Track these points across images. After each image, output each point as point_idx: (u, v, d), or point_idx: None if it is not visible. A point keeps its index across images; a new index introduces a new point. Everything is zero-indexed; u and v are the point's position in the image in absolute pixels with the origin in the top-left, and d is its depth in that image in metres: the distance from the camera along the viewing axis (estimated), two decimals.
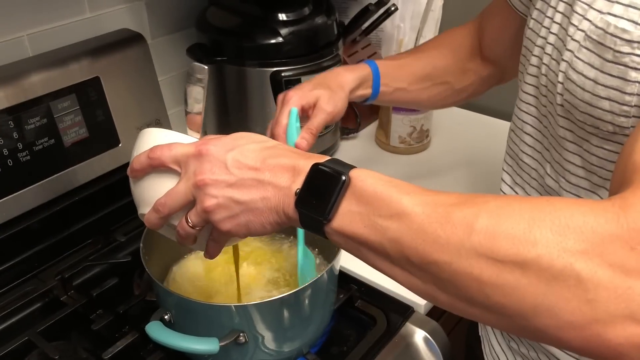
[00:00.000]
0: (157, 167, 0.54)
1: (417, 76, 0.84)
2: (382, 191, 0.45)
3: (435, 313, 0.90)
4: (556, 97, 0.57)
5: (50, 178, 0.89)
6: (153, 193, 0.54)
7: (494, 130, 1.28)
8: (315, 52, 1.05)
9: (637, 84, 0.49)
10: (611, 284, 0.37)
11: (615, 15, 0.49)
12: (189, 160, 0.52)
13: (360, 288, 0.86)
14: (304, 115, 0.75)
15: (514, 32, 0.78)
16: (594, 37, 0.51)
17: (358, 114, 1.25)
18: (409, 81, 0.84)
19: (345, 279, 0.87)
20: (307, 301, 0.70)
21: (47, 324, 0.80)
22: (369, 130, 1.30)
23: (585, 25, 0.52)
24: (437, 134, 1.27)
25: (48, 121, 0.87)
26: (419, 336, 0.81)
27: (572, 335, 0.38)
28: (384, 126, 1.22)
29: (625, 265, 0.37)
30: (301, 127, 0.74)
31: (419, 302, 0.85)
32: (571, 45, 0.54)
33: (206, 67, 0.63)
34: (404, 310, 0.84)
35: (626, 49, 0.48)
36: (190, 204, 0.52)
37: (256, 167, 0.49)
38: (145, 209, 0.56)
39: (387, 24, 1.27)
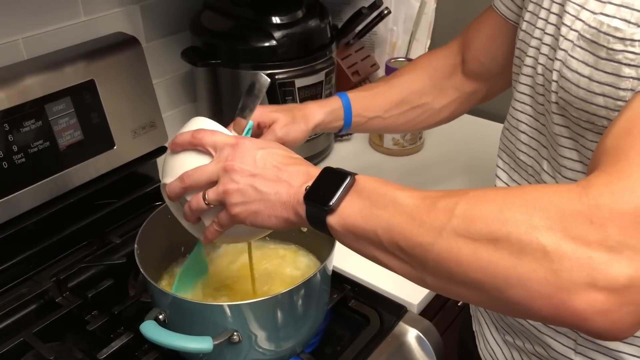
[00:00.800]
0: (195, 145, 0.61)
1: (392, 103, 0.85)
2: (380, 188, 0.52)
3: (428, 313, 0.90)
4: (551, 95, 0.58)
5: (45, 180, 0.89)
6: (182, 167, 0.61)
7: (485, 132, 1.29)
8: (309, 55, 1.05)
9: (630, 80, 0.50)
10: (574, 254, 0.41)
11: (607, 15, 0.51)
12: (225, 148, 0.59)
13: (353, 288, 0.87)
14: (259, 132, 0.79)
15: (505, 41, 0.79)
16: (588, 36, 0.53)
17: None
18: (384, 109, 0.85)
19: (339, 279, 0.88)
20: (300, 301, 0.71)
21: (42, 325, 0.81)
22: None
23: (578, 25, 0.54)
24: (430, 136, 1.28)
25: (43, 124, 0.88)
26: (412, 335, 0.82)
27: (541, 305, 0.42)
28: None
29: (586, 238, 0.41)
30: None
31: (412, 302, 0.85)
32: (565, 44, 0.55)
33: (269, 80, 0.71)
34: (397, 310, 0.85)
35: (619, 46, 0.50)
36: (211, 184, 0.58)
37: (278, 167, 0.57)
38: (169, 179, 0.62)
39: (381, 27, 1.28)
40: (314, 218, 0.53)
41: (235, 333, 0.66)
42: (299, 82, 1.04)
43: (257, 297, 0.71)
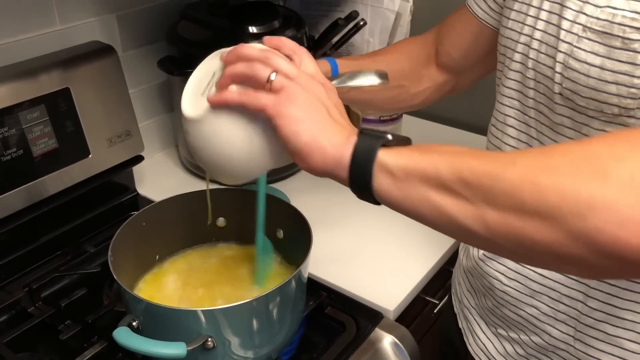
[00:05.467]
0: (278, 46, 0.62)
1: None
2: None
3: (405, 320, 0.91)
4: (554, 86, 0.60)
5: (19, 189, 0.88)
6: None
7: (463, 142, 1.31)
8: None
9: None
10: None
11: (616, 8, 0.53)
12: (307, 60, 0.62)
13: (330, 295, 0.87)
14: None
15: (475, 40, 0.83)
16: (597, 27, 0.55)
17: None
18: None
19: (315, 286, 0.88)
20: (274, 307, 0.71)
21: (13, 335, 0.79)
22: None
23: (582, 18, 0.56)
24: None
25: (17, 131, 0.87)
26: (388, 341, 0.82)
27: (630, 231, 0.39)
28: None
29: None
30: None
31: (388, 308, 0.86)
32: (569, 37, 0.57)
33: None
34: (373, 316, 0.85)
35: (635, 35, 0.52)
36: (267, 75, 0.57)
37: (346, 117, 0.58)
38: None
39: (357, 38, 1.29)
40: (363, 152, 0.51)
41: (209, 339, 0.66)
42: None
43: None
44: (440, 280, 1.01)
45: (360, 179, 0.52)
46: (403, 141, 0.53)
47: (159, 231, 0.84)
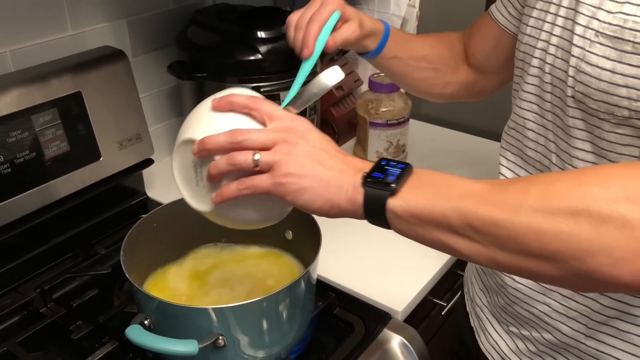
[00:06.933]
0: (252, 110, 0.59)
1: (417, 53, 0.90)
2: (439, 175, 0.54)
3: (413, 321, 0.91)
4: (567, 90, 0.62)
5: (30, 191, 0.89)
6: (220, 126, 0.59)
7: (466, 144, 1.33)
8: (294, 69, 1.07)
9: None
10: None
11: (627, 14, 0.55)
12: (284, 120, 0.59)
13: (338, 296, 0.88)
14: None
15: (496, 45, 0.86)
16: (608, 32, 0.56)
17: (337, 131, 1.28)
18: (408, 55, 0.89)
19: (324, 287, 0.89)
20: (284, 307, 0.71)
21: (26, 335, 0.80)
22: (347, 146, 1.33)
23: (595, 24, 0.57)
24: (413, 149, 1.30)
25: (29, 135, 0.88)
26: (396, 342, 0.83)
27: (624, 270, 0.45)
28: (362, 142, 1.25)
29: None
30: None
31: (396, 309, 0.86)
32: (581, 42, 0.59)
33: (342, 76, 0.65)
34: (382, 317, 0.85)
35: None
36: (262, 150, 0.57)
37: (334, 153, 0.57)
38: (198, 134, 0.59)
39: None
40: (373, 204, 0.53)
41: (220, 337, 0.67)
42: (284, 95, 1.06)
43: None
44: (447, 282, 1.01)
45: (376, 223, 0.55)
46: (405, 175, 0.54)
47: (169, 231, 0.85)
